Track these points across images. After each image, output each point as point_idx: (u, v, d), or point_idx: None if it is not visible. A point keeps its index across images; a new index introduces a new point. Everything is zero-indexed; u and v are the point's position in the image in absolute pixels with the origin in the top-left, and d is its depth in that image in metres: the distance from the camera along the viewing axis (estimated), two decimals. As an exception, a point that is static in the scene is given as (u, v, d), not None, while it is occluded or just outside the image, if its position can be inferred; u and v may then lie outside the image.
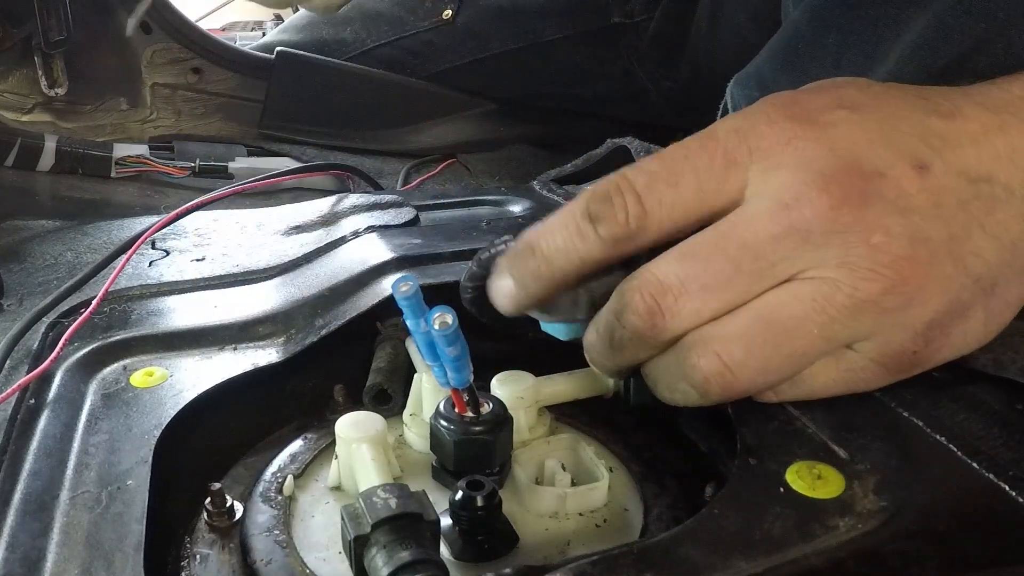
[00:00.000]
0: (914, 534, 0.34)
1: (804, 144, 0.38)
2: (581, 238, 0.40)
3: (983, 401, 0.43)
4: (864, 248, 0.37)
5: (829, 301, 0.37)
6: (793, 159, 0.38)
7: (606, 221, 0.39)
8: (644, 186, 0.39)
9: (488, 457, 0.43)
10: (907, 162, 0.38)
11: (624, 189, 0.39)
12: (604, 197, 0.39)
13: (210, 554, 0.41)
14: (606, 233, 0.39)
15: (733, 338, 0.38)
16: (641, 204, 0.39)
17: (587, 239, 0.39)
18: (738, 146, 0.39)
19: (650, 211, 0.39)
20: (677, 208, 0.39)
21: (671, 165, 0.39)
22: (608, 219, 0.39)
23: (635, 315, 0.39)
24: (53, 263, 0.70)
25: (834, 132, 0.39)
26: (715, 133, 0.40)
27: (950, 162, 0.39)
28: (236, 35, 2.05)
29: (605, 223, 0.39)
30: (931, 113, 0.40)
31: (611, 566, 0.33)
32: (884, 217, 0.37)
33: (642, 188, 0.39)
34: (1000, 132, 0.40)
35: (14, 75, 1.11)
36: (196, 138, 1.21)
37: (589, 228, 0.39)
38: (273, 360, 0.51)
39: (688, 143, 0.40)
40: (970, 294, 0.39)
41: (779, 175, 0.38)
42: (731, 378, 0.38)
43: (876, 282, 0.37)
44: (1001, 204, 0.39)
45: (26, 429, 0.44)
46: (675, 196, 0.39)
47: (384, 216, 0.72)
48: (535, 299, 0.42)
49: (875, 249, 0.37)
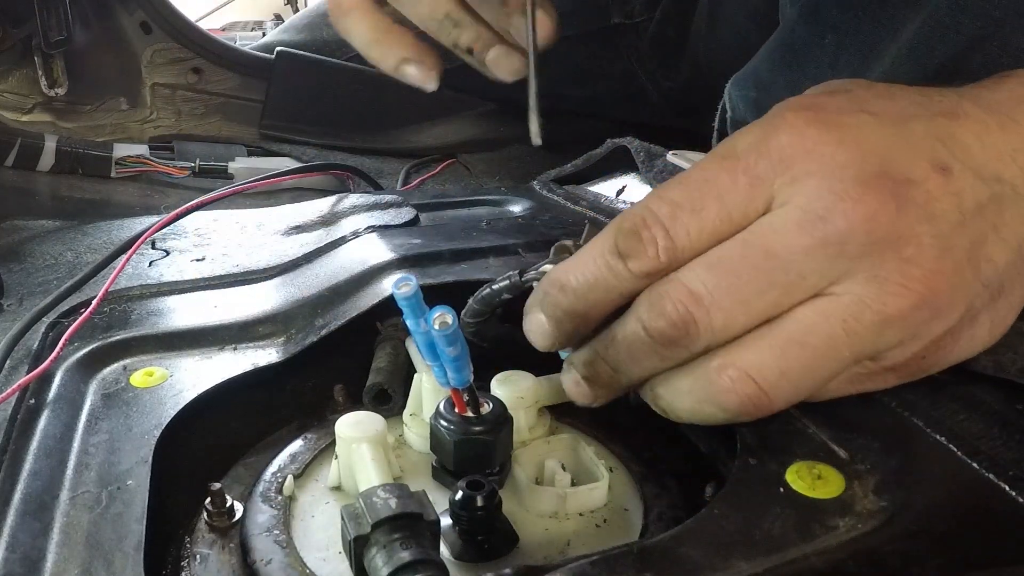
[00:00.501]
0: (914, 534, 0.34)
1: (830, 150, 0.37)
2: (613, 275, 0.39)
3: (983, 401, 0.43)
4: (896, 262, 0.36)
5: (860, 321, 0.36)
6: (820, 166, 0.37)
7: (636, 257, 0.39)
8: (669, 217, 0.38)
9: (488, 457, 0.43)
10: (930, 164, 0.37)
11: (650, 223, 0.38)
12: (631, 232, 0.39)
13: (210, 554, 0.41)
14: (637, 269, 0.39)
15: (768, 362, 0.37)
16: (669, 237, 0.38)
17: (619, 275, 0.39)
18: (759, 161, 0.38)
19: (679, 242, 0.38)
20: (705, 234, 0.38)
21: (694, 192, 0.39)
22: (638, 255, 0.39)
23: (668, 324, 0.38)
24: (53, 263, 0.70)
25: (858, 135, 0.38)
26: (735, 150, 0.39)
27: (965, 162, 0.38)
28: (236, 35, 2.05)
29: (635, 259, 0.39)
30: (937, 113, 0.40)
31: (611, 566, 0.33)
32: (916, 226, 0.36)
33: (668, 220, 0.38)
34: (1000, 131, 0.39)
35: (14, 75, 1.11)
36: (196, 138, 1.21)
37: (620, 264, 0.39)
38: (273, 360, 0.51)
39: (708, 165, 0.39)
40: (981, 300, 0.39)
41: (807, 184, 0.37)
42: (767, 400, 0.38)
43: (906, 298, 0.36)
44: (1009, 204, 0.39)
45: (26, 429, 0.44)
46: (702, 223, 0.38)
47: (384, 216, 0.72)
48: (570, 336, 0.42)
49: (907, 262, 0.36)
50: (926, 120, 0.39)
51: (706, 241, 0.38)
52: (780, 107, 0.40)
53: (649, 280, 0.39)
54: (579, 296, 0.40)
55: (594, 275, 0.40)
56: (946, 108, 0.40)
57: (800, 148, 0.37)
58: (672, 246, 0.38)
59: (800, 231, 0.36)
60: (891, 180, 0.37)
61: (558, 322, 0.41)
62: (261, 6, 2.87)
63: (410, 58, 0.59)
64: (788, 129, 0.38)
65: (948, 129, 0.39)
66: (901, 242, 0.36)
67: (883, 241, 0.36)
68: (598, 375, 0.42)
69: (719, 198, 0.38)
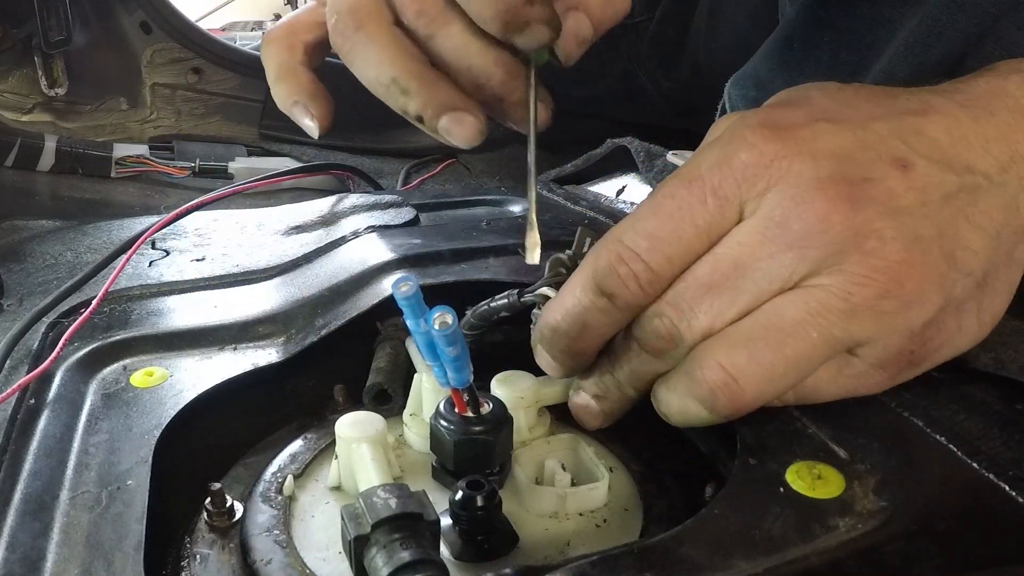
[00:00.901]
0: (914, 534, 0.34)
1: (787, 162, 0.39)
2: (601, 312, 0.41)
3: (983, 401, 0.43)
4: (857, 255, 0.37)
5: (825, 306, 0.38)
6: (779, 178, 0.39)
7: (621, 294, 0.40)
8: (648, 250, 0.40)
9: (488, 457, 0.43)
10: (889, 162, 0.39)
11: (627, 258, 0.40)
12: (609, 269, 0.40)
13: (210, 554, 0.41)
14: (624, 303, 0.40)
15: (735, 346, 0.39)
16: (651, 269, 0.40)
17: (607, 312, 0.41)
18: (724, 180, 0.39)
19: (660, 271, 0.40)
20: (686, 258, 0.40)
21: (667, 221, 0.40)
22: (622, 292, 0.40)
23: (656, 337, 0.40)
24: (53, 263, 0.70)
25: (814, 145, 0.39)
26: (698, 170, 0.40)
27: (930, 156, 0.39)
28: (236, 35, 2.05)
29: (620, 295, 0.40)
30: (903, 112, 0.41)
31: (611, 566, 0.33)
32: (876, 221, 0.37)
33: (646, 253, 0.40)
34: (973, 122, 0.40)
35: (14, 75, 1.11)
36: (196, 138, 1.21)
37: (606, 303, 0.41)
38: (273, 360, 0.51)
39: (675, 190, 0.40)
40: (963, 289, 0.39)
41: (768, 197, 0.39)
42: (737, 388, 0.38)
43: (871, 287, 0.37)
44: (983, 193, 0.39)
45: (26, 429, 0.44)
46: (680, 249, 0.40)
47: (384, 216, 0.72)
48: (579, 366, 0.44)
49: (869, 255, 0.37)
50: (891, 119, 0.40)
51: (687, 262, 0.40)
52: (738, 123, 0.41)
53: (639, 310, 0.41)
54: (572, 336, 0.42)
55: (583, 315, 0.41)
56: (913, 106, 0.41)
57: (760, 164, 0.39)
58: (654, 277, 0.40)
59: (763, 239, 0.38)
60: (846, 181, 0.38)
61: (561, 360, 0.43)
62: (261, 6, 2.87)
63: (299, 101, 0.58)
64: (747, 148, 0.39)
65: (915, 125, 0.40)
66: (860, 238, 0.37)
67: (841, 239, 0.37)
68: (608, 393, 0.44)
69: (693, 223, 0.39)
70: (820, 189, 0.38)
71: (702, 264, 0.40)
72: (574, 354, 0.43)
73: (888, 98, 0.42)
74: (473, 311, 0.47)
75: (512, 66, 0.50)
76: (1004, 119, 0.41)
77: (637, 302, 0.40)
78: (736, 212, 0.39)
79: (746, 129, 0.40)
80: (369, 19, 0.50)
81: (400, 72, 0.50)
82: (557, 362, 0.44)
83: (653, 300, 0.40)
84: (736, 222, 0.39)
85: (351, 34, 0.50)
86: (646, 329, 0.41)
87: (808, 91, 0.43)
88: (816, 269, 0.38)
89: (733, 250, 0.39)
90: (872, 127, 0.40)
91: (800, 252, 0.38)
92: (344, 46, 0.51)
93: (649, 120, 1.24)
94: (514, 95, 0.51)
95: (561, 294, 0.43)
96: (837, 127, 0.40)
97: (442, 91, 0.50)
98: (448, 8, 0.49)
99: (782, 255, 0.38)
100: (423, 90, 0.49)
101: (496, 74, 0.50)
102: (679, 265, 0.40)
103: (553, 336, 0.43)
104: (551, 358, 0.44)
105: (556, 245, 0.48)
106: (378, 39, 0.50)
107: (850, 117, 0.40)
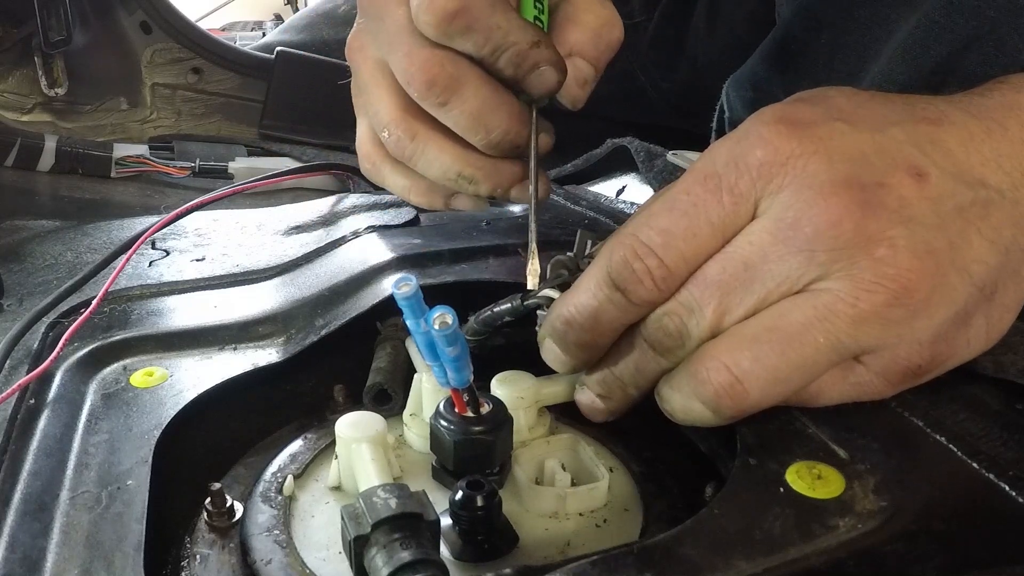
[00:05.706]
0: (914, 534, 0.34)
1: (802, 161, 0.39)
2: (615, 307, 0.41)
3: (983, 401, 0.43)
4: (868, 260, 0.37)
5: (832, 310, 0.37)
6: (793, 177, 0.38)
7: (635, 289, 0.40)
8: (663, 246, 0.40)
9: (488, 457, 0.43)
10: (905, 170, 0.38)
11: (643, 254, 0.40)
12: (624, 264, 0.40)
13: (210, 554, 0.41)
14: (638, 299, 0.41)
15: (740, 347, 0.38)
16: (665, 265, 0.40)
17: (621, 307, 0.41)
18: (740, 178, 0.39)
19: (675, 269, 0.40)
20: (700, 255, 0.40)
21: (683, 219, 0.40)
22: (636, 287, 0.40)
23: (665, 335, 0.40)
24: (53, 263, 0.70)
25: (830, 145, 0.39)
26: (714, 166, 0.40)
27: (944, 167, 0.39)
28: (236, 35, 2.05)
29: (635, 291, 0.40)
30: (920, 120, 0.41)
31: (611, 566, 0.33)
32: (888, 228, 0.37)
33: (661, 249, 0.40)
34: (987, 136, 0.40)
35: (14, 75, 1.11)
36: (196, 138, 1.21)
37: (620, 298, 0.41)
38: (273, 360, 0.51)
39: (691, 186, 0.40)
40: (973, 302, 0.39)
41: (782, 195, 0.38)
42: (741, 389, 0.38)
43: (879, 294, 0.37)
44: (995, 208, 0.39)
45: (26, 429, 0.44)
46: (694, 246, 0.40)
47: (384, 216, 0.72)
48: (586, 361, 0.44)
49: (879, 262, 0.37)
50: (908, 126, 0.40)
51: (701, 259, 0.40)
52: (754, 119, 0.41)
53: (652, 306, 0.41)
54: (586, 329, 0.42)
55: (596, 309, 0.42)
56: (930, 115, 0.41)
57: (775, 161, 0.39)
58: (668, 273, 0.40)
59: (774, 240, 0.38)
60: (860, 185, 0.38)
61: (572, 353, 0.44)
62: (261, 6, 2.87)
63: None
64: (763, 144, 0.39)
65: (931, 135, 0.40)
66: (871, 244, 0.37)
67: (852, 244, 0.37)
68: (612, 391, 0.44)
69: (708, 220, 0.39)
70: (834, 192, 0.38)
71: (713, 263, 0.40)
72: (586, 347, 0.43)
73: (905, 104, 0.42)
74: (476, 317, 0.47)
75: (523, 115, 0.53)
76: (1017, 134, 0.40)
77: (651, 298, 0.40)
78: (750, 209, 0.39)
79: (762, 126, 0.40)
80: (418, 124, 0.54)
81: (463, 167, 0.54)
82: (568, 355, 0.44)
83: (666, 297, 0.40)
84: (750, 219, 0.39)
85: (408, 144, 0.54)
86: (655, 327, 0.41)
87: (826, 91, 0.43)
88: (825, 273, 0.37)
89: (744, 249, 0.39)
90: (889, 132, 0.40)
91: (809, 255, 0.37)
92: (405, 156, 0.55)
93: (649, 120, 1.24)
94: (524, 137, 0.54)
95: (575, 288, 0.43)
96: (854, 128, 0.40)
97: (503, 170, 0.55)
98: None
99: (791, 258, 0.38)
100: (488, 176, 0.55)
101: (514, 127, 0.52)
102: (693, 263, 0.40)
103: (566, 329, 0.43)
104: (562, 351, 0.44)
105: (556, 245, 0.49)
106: (434, 142, 0.54)
107: (867, 119, 0.40)
